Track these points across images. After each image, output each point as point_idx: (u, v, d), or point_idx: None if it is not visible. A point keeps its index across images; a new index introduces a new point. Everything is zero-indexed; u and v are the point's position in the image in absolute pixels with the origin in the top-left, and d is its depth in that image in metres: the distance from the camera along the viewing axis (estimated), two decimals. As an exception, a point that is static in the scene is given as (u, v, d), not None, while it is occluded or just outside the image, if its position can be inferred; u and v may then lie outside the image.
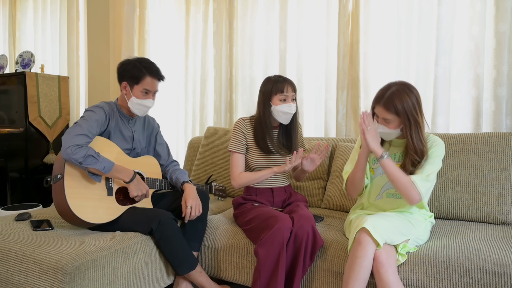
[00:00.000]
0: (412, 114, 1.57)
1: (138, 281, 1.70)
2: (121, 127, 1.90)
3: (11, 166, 3.38)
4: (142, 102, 1.87)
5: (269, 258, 1.59)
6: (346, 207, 2.18)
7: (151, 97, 1.89)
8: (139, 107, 1.88)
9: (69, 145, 1.64)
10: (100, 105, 1.85)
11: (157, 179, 1.98)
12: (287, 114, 1.89)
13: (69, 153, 1.63)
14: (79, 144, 1.66)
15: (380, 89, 1.64)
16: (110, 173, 1.73)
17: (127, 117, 1.94)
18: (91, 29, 3.71)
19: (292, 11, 2.81)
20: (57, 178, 1.70)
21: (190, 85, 3.27)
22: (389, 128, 1.62)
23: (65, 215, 1.71)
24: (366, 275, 1.43)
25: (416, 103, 1.59)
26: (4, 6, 4.19)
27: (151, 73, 1.87)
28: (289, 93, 1.89)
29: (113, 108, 1.89)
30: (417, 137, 1.60)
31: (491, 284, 1.39)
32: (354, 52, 2.55)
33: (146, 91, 1.86)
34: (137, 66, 1.85)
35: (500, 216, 1.86)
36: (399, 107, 1.56)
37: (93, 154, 1.67)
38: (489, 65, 2.23)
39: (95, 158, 1.67)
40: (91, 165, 1.67)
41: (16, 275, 1.52)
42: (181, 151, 3.39)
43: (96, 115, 1.79)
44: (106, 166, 1.70)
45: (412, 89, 1.60)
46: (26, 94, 3.42)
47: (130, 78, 1.86)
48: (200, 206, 1.87)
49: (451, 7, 2.28)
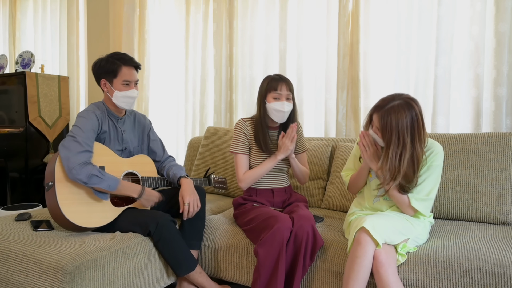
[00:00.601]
0: (402, 134, 1.53)
1: (138, 281, 1.70)
2: (111, 128, 1.89)
3: (11, 166, 3.38)
4: (126, 93, 1.84)
5: (269, 258, 1.59)
6: (346, 207, 2.18)
7: (133, 87, 1.87)
8: (124, 100, 1.85)
9: (73, 165, 1.64)
10: (91, 109, 1.82)
11: (152, 178, 1.96)
12: (280, 112, 1.88)
13: (74, 174, 1.65)
14: (83, 162, 1.66)
15: (383, 98, 1.61)
16: (117, 190, 1.73)
17: (116, 116, 1.91)
18: (91, 29, 3.71)
19: (292, 11, 2.81)
20: (49, 186, 1.69)
21: (190, 85, 3.26)
22: (380, 138, 1.60)
23: (60, 221, 1.70)
24: (366, 274, 1.44)
25: (410, 124, 1.53)
26: (4, 6, 4.19)
27: (126, 63, 1.84)
28: (283, 91, 1.88)
29: (103, 109, 1.87)
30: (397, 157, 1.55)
31: (491, 284, 1.39)
32: (354, 52, 2.55)
33: (127, 82, 1.84)
34: (110, 60, 1.84)
35: (500, 216, 1.86)
36: (393, 123, 1.53)
37: (96, 174, 1.67)
38: (489, 65, 2.23)
39: (99, 177, 1.68)
40: (97, 185, 1.68)
41: (16, 275, 1.52)
42: (181, 151, 3.39)
43: (90, 122, 1.77)
44: (111, 184, 1.71)
45: (412, 107, 1.55)
46: (26, 94, 3.41)
47: (107, 73, 1.84)
48: (198, 200, 1.86)
49: (451, 7, 2.28)
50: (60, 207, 1.64)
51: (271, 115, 1.91)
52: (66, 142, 1.70)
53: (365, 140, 1.66)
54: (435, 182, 1.64)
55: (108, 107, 1.89)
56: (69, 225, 1.68)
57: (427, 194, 1.62)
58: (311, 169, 2.33)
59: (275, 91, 1.88)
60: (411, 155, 1.56)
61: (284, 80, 1.90)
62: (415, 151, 1.56)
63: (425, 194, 1.61)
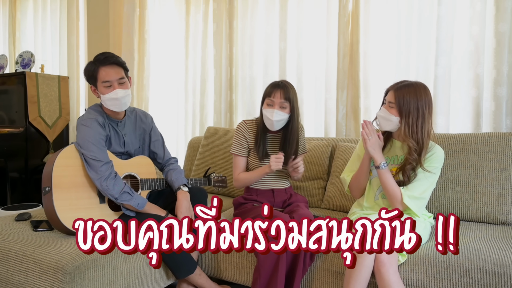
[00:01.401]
0: (420, 107, 1.60)
1: (138, 281, 1.70)
2: (112, 133, 1.84)
3: (11, 166, 3.37)
4: (110, 95, 1.73)
5: (269, 258, 1.59)
6: (346, 207, 2.18)
7: (116, 87, 1.74)
8: (111, 102, 1.75)
9: (103, 179, 1.67)
10: (92, 117, 1.76)
11: (152, 179, 1.94)
12: (268, 120, 1.85)
13: (106, 189, 1.67)
14: (110, 175, 1.68)
15: (399, 81, 1.70)
16: (143, 210, 1.76)
17: (115, 120, 1.85)
18: (91, 29, 3.71)
19: (292, 11, 2.80)
20: (46, 191, 1.68)
21: (190, 85, 3.26)
22: (390, 113, 1.63)
23: (57, 226, 1.69)
24: (367, 274, 1.44)
25: (425, 104, 1.61)
26: (4, 6, 4.19)
27: (101, 63, 1.73)
28: (276, 99, 1.82)
29: (102, 115, 1.81)
30: (419, 126, 1.61)
31: (491, 284, 1.39)
32: (354, 52, 2.55)
33: (107, 83, 1.73)
34: (90, 64, 1.76)
35: (500, 216, 1.86)
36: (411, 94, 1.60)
37: (128, 191, 1.71)
38: (489, 65, 2.23)
39: (130, 195, 1.71)
40: (126, 202, 1.70)
41: (16, 275, 1.52)
42: (181, 151, 3.39)
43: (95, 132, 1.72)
44: (140, 203, 1.74)
45: (427, 91, 1.65)
46: (26, 94, 3.41)
47: (90, 78, 1.77)
48: (193, 216, 1.80)
49: (451, 7, 2.28)
50: (57, 213, 1.63)
51: (264, 121, 1.90)
52: (86, 156, 1.69)
53: (367, 129, 1.65)
54: (431, 184, 1.66)
55: (105, 112, 1.83)
56: (67, 231, 1.66)
57: (421, 193, 1.63)
58: (311, 169, 2.34)
59: (268, 97, 1.86)
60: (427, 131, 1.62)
61: (280, 87, 1.84)
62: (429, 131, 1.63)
63: (419, 193, 1.62)
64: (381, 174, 1.64)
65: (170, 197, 1.96)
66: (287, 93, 1.83)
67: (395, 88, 1.65)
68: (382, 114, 1.67)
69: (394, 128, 1.68)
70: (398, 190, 1.61)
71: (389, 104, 1.65)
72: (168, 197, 1.98)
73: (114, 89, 1.74)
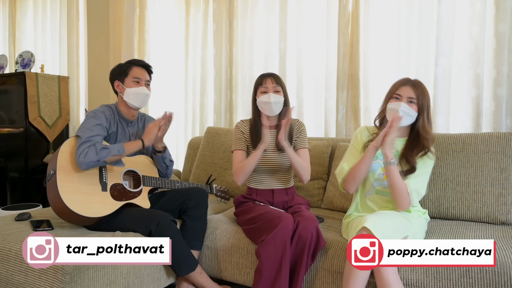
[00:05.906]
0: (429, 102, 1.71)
1: (138, 281, 1.70)
2: (119, 130, 1.94)
3: (11, 166, 3.37)
4: (136, 90, 1.91)
5: (272, 259, 1.59)
6: (346, 208, 2.16)
7: (143, 85, 1.94)
8: (134, 97, 1.91)
9: (77, 156, 1.71)
10: (100, 109, 1.89)
11: (153, 177, 1.97)
12: (267, 104, 1.90)
13: (82, 162, 1.70)
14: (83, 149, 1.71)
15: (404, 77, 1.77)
16: (126, 151, 1.81)
17: (127, 120, 1.98)
18: (91, 29, 3.71)
19: (292, 11, 2.80)
20: (50, 175, 1.72)
21: (190, 85, 3.26)
22: (411, 108, 1.67)
23: (59, 211, 1.71)
24: (366, 274, 1.44)
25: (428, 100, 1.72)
26: (4, 6, 4.19)
27: (136, 63, 1.96)
28: (269, 84, 1.92)
29: (114, 111, 1.94)
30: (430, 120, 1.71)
31: (491, 284, 1.39)
32: (354, 52, 2.55)
33: (137, 80, 1.93)
34: (123, 64, 1.98)
35: (500, 216, 1.86)
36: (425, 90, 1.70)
37: (102, 146, 1.74)
38: (489, 65, 2.23)
39: (106, 148, 1.75)
40: (108, 156, 1.74)
41: (16, 275, 1.52)
42: (181, 151, 3.38)
43: (97, 120, 1.83)
44: (119, 149, 1.79)
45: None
46: (26, 94, 3.41)
47: (119, 74, 1.95)
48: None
49: (451, 7, 2.28)
50: (60, 195, 1.65)
51: (262, 110, 1.93)
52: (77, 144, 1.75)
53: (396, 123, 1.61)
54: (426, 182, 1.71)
55: (119, 110, 1.96)
56: (69, 213, 1.67)
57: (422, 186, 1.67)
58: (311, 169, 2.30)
59: (261, 86, 1.94)
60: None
61: (269, 75, 1.96)
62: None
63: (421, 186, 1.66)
64: (390, 170, 1.62)
65: (171, 199, 1.97)
66: (277, 78, 1.96)
67: (410, 84, 1.70)
68: (405, 110, 1.66)
69: (409, 123, 1.71)
70: (404, 184, 1.63)
71: (409, 99, 1.67)
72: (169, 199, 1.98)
73: (142, 86, 1.94)
